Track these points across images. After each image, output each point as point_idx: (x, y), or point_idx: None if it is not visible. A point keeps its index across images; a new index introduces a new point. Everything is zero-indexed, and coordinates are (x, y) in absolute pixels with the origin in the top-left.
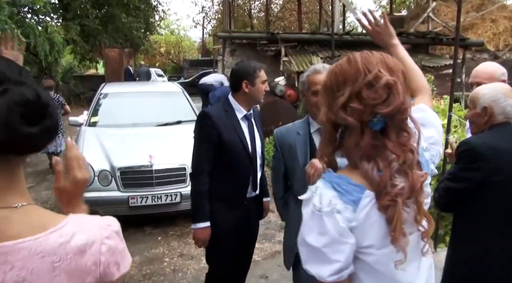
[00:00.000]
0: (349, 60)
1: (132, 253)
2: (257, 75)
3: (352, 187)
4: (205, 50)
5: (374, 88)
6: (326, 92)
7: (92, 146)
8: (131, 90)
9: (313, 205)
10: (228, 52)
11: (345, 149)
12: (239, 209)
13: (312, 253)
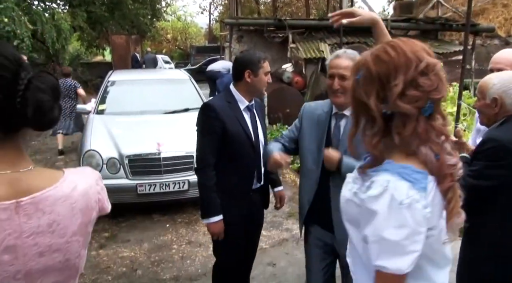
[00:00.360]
0: (394, 49)
1: (140, 240)
2: (261, 66)
3: (419, 174)
4: (212, 37)
5: (428, 76)
6: (371, 81)
7: (100, 134)
8: (139, 77)
9: (393, 199)
10: (235, 38)
11: (399, 136)
12: (244, 200)
13: (389, 247)
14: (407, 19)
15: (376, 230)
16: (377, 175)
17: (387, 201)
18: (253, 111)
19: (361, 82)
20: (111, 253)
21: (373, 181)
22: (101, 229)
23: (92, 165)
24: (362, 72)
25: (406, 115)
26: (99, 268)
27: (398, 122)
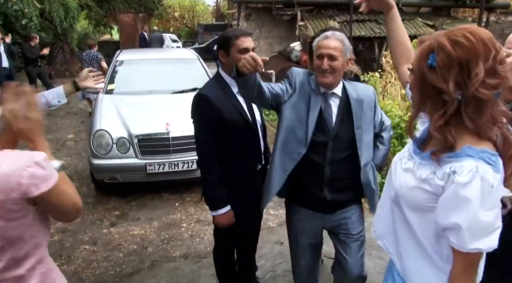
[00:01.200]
0: (473, 35)
1: (150, 218)
2: (232, 43)
3: (495, 157)
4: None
5: (503, 65)
6: (451, 67)
7: (109, 114)
8: (147, 57)
9: (485, 183)
10: (243, 16)
11: (473, 121)
12: (250, 186)
13: (483, 229)
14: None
15: (472, 215)
16: (459, 161)
17: (479, 186)
18: None
19: (438, 67)
20: (122, 231)
21: (457, 167)
22: (112, 207)
23: (102, 144)
24: (439, 56)
25: (483, 101)
26: (111, 246)
27: (474, 107)
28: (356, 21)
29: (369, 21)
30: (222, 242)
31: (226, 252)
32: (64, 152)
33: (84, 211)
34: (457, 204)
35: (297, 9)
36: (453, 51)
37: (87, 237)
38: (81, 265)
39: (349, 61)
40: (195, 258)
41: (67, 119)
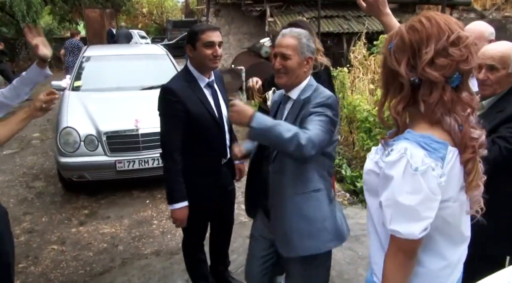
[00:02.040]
0: (429, 19)
1: (121, 216)
2: (198, 38)
3: (438, 144)
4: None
5: (458, 47)
6: (403, 49)
7: (76, 111)
8: (115, 53)
9: (408, 165)
10: (212, 12)
11: (425, 104)
12: (215, 178)
13: (403, 212)
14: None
15: (391, 194)
16: (396, 143)
17: (403, 166)
18: (214, 88)
19: (393, 50)
20: (92, 230)
21: (392, 149)
22: (81, 206)
23: (69, 142)
24: (395, 41)
25: (434, 83)
26: (80, 245)
27: (425, 90)
28: (325, 17)
29: (338, 17)
30: (190, 235)
31: (195, 246)
32: (29, 151)
33: (52, 211)
34: (384, 182)
35: (266, 5)
36: (407, 34)
37: (55, 237)
38: (49, 265)
39: (310, 59)
40: (167, 255)
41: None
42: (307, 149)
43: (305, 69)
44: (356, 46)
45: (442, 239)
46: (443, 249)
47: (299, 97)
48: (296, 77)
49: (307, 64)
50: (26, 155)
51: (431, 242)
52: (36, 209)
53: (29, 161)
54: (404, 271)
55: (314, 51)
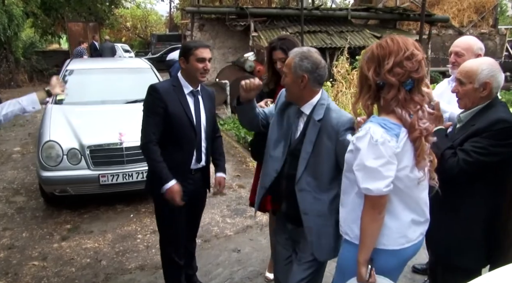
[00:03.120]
0: (392, 39)
1: (104, 231)
2: (191, 53)
3: (393, 125)
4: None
5: (411, 61)
6: (372, 60)
7: (59, 124)
8: (98, 66)
9: (371, 138)
10: (196, 27)
11: (384, 100)
12: (185, 178)
13: (370, 173)
14: (366, 9)
15: (360, 161)
16: (363, 125)
17: (368, 140)
18: (197, 97)
19: (365, 60)
20: (74, 245)
21: (360, 129)
22: (63, 221)
23: (51, 156)
24: (368, 53)
25: (392, 85)
26: (62, 260)
27: (385, 90)
28: (308, 32)
29: (320, 32)
30: (163, 231)
31: (169, 241)
32: (10, 165)
33: (33, 226)
34: (355, 153)
35: (250, 20)
36: (376, 50)
37: (36, 252)
38: (29, 282)
39: (303, 78)
40: (152, 269)
41: (12, 132)
42: None
43: (300, 87)
44: (339, 61)
45: (399, 203)
46: (398, 210)
47: (313, 116)
48: (291, 93)
49: (302, 82)
50: (6, 169)
51: (390, 204)
52: (16, 225)
53: (9, 175)
54: (376, 223)
55: (308, 70)
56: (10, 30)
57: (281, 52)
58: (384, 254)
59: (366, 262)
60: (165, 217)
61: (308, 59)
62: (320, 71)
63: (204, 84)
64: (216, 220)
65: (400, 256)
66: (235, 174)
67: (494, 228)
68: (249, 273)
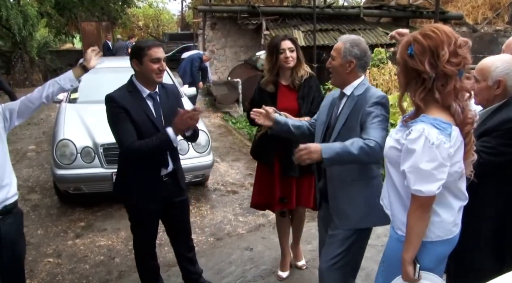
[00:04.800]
0: (437, 29)
1: (117, 228)
2: (145, 54)
3: (445, 124)
4: (184, 24)
5: (462, 49)
6: (424, 52)
7: (73, 123)
8: (111, 65)
9: (427, 140)
10: (208, 25)
11: (441, 92)
12: (156, 185)
13: (424, 175)
14: (379, 6)
15: (414, 163)
16: (415, 125)
17: (422, 142)
18: (156, 100)
19: (415, 54)
20: (88, 242)
21: (412, 129)
22: (77, 218)
23: (66, 154)
24: (415, 47)
25: (449, 76)
26: (76, 257)
27: (440, 82)
28: (320, 30)
29: (332, 30)
30: (136, 236)
31: (146, 252)
32: (25, 163)
33: (47, 223)
34: (406, 155)
35: (262, 18)
36: (425, 41)
37: (51, 249)
38: (45, 278)
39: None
40: (164, 267)
41: (27, 130)
42: (378, 153)
43: (347, 71)
44: None
45: (450, 195)
46: (451, 202)
47: (353, 93)
48: (340, 76)
49: (349, 66)
50: (22, 168)
51: (443, 198)
52: (31, 222)
53: (24, 173)
54: (423, 221)
55: (357, 56)
56: (25, 30)
57: (290, 42)
58: (441, 245)
59: (412, 261)
60: (135, 222)
61: (358, 47)
62: (366, 59)
63: (164, 83)
64: (228, 218)
65: (453, 243)
66: (247, 172)
67: (505, 228)
68: (261, 271)
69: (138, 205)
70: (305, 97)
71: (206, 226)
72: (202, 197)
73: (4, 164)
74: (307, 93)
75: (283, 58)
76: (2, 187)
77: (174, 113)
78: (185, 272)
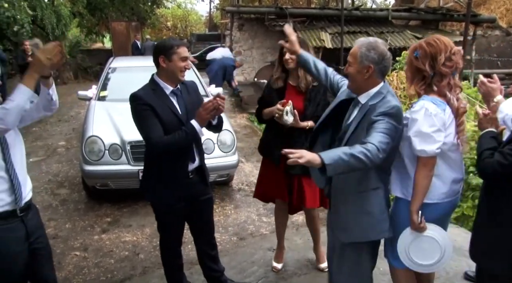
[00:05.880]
0: (439, 40)
1: (142, 225)
2: (174, 51)
3: (441, 102)
4: (212, 25)
5: (455, 56)
6: (426, 57)
7: (102, 120)
8: (140, 64)
9: (426, 110)
10: (236, 26)
11: (438, 86)
12: (182, 182)
13: (426, 138)
14: (408, 9)
15: (417, 128)
16: (416, 102)
17: (423, 112)
18: (180, 95)
19: (420, 57)
20: (114, 238)
21: (415, 105)
22: (103, 214)
23: (94, 150)
24: (420, 51)
25: (443, 75)
26: (102, 252)
27: (438, 79)
28: (347, 32)
29: (360, 33)
30: (162, 234)
31: (167, 244)
32: (55, 159)
33: (75, 217)
34: (411, 123)
35: (289, 20)
36: (427, 48)
37: (78, 243)
38: (71, 271)
39: (369, 68)
40: (187, 265)
41: (58, 127)
42: (378, 157)
43: (365, 77)
44: None
45: (444, 164)
46: (443, 170)
47: (367, 103)
48: (358, 83)
49: (367, 72)
50: (52, 163)
51: (437, 166)
52: (60, 216)
53: (54, 168)
54: (428, 179)
55: (374, 61)
56: (58, 30)
57: None
58: (428, 207)
59: (418, 211)
60: (161, 220)
61: (375, 50)
62: (385, 63)
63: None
64: (252, 218)
65: (440, 209)
66: None
67: None
68: (283, 272)
69: (164, 202)
70: (312, 101)
71: (229, 225)
72: (226, 197)
73: (24, 162)
74: (314, 97)
75: (285, 60)
76: (25, 185)
77: (197, 108)
78: (207, 270)
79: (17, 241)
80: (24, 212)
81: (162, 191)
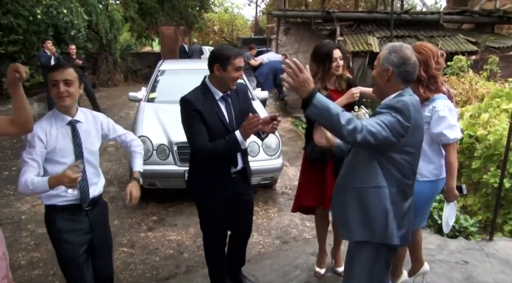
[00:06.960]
0: (425, 46)
1: (187, 225)
2: (230, 62)
3: (447, 97)
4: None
5: (441, 58)
6: (420, 64)
7: (150, 121)
8: (188, 67)
9: (448, 107)
10: (282, 30)
11: (436, 85)
12: (226, 183)
13: (453, 128)
14: (461, 12)
15: (448, 123)
16: (433, 103)
17: (447, 109)
18: (228, 101)
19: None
20: (159, 236)
21: (435, 105)
22: (150, 212)
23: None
24: None
25: (436, 76)
26: (148, 249)
27: (432, 80)
28: (396, 36)
29: (409, 37)
30: (206, 233)
31: (211, 242)
32: (105, 158)
33: (123, 215)
34: (440, 120)
35: (336, 24)
36: (419, 56)
37: (126, 240)
38: (119, 266)
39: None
40: None
41: None
42: (354, 134)
43: (384, 80)
44: None
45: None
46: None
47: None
48: (379, 86)
49: (386, 74)
50: (102, 161)
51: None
52: (109, 213)
53: (104, 167)
54: (455, 158)
55: (394, 64)
56: (110, 34)
57: (339, 50)
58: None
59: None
60: (205, 220)
61: (396, 53)
62: (406, 67)
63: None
64: (295, 222)
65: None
66: None
67: None
68: (326, 278)
69: (207, 201)
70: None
71: (272, 228)
72: (269, 200)
73: (97, 165)
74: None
75: (335, 67)
76: (92, 182)
77: (245, 114)
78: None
79: (81, 232)
80: (90, 206)
81: (206, 190)
